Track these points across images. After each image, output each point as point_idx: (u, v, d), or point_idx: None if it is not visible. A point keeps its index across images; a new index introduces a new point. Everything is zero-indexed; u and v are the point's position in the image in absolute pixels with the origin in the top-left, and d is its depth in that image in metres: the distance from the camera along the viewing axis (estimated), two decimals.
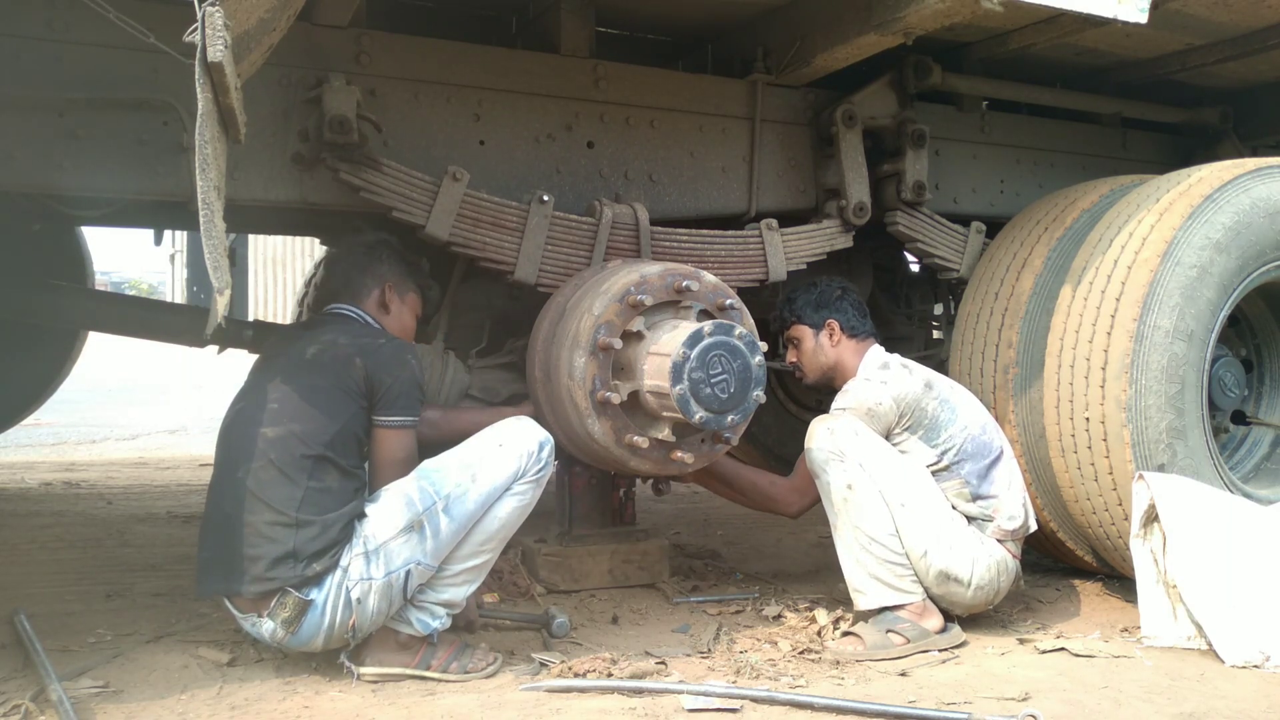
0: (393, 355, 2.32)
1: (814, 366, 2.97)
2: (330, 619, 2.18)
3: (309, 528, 2.15)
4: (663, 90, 3.16)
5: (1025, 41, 3.34)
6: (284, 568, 2.14)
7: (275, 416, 2.22)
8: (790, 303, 3.00)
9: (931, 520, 2.62)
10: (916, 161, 3.37)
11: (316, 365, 2.29)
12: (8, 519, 3.83)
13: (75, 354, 4.66)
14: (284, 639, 2.19)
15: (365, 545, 2.19)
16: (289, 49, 2.48)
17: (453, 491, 2.23)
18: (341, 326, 2.42)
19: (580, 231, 2.92)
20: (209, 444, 6.31)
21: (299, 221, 4.12)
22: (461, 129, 2.90)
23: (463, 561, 2.28)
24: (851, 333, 2.92)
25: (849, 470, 2.61)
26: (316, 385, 2.26)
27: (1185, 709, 2.18)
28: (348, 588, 2.17)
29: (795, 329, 2.98)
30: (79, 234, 4.51)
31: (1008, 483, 2.74)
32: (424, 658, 2.29)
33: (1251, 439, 3.32)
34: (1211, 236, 2.86)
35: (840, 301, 2.94)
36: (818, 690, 2.26)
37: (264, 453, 2.19)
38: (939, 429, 2.73)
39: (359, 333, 2.40)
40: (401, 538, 2.20)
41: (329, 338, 2.34)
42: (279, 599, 2.16)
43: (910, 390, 2.73)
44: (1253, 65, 3.65)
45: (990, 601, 2.71)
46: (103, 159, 2.51)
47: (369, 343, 2.33)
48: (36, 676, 2.17)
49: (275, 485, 2.17)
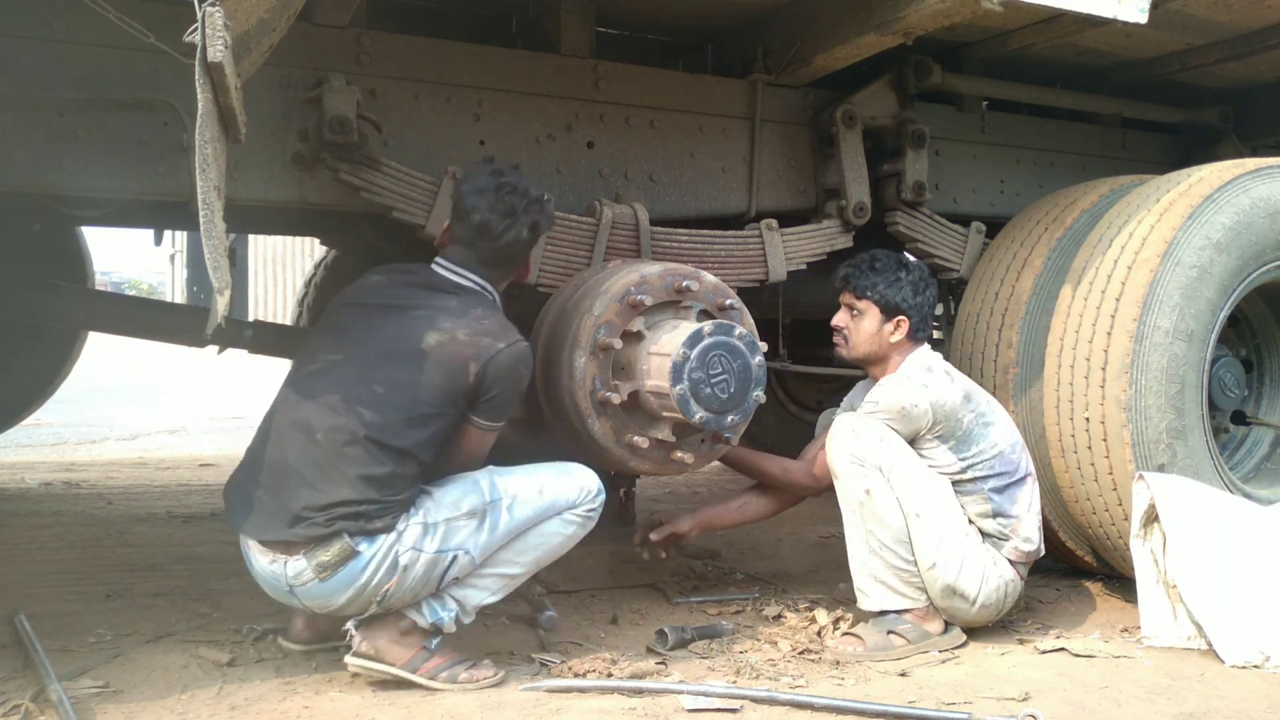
0: (509, 366, 2.25)
1: (864, 347, 2.79)
2: (369, 577, 2.13)
3: (379, 499, 2.12)
4: (663, 90, 3.16)
5: (1025, 41, 3.34)
6: (347, 520, 2.10)
7: (378, 400, 2.17)
8: (874, 274, 2.78)
9: (944, 534, 2.59)
10: (916, 161, 3.36)
11: (433, 359, 2.21)
12: (8, 519, 3.83)
13: (75, 354, 4.66)
14: (309, 583, 2.12)
15: (426, 517, 2.18)
16: (289, 49, 2.47)
17: (519, 494, 2.27)
18: (465, 308, 2.30)
19: (580, 231, 2.92)
20: (209, 444, 6.34)
21: (299, 222, 4.13)
22: (461, 129, 2.90)
23: (498, 566, 2.28)
24: (914, 335, 2.78)
25: (869, 475, 2.58)
26: (426, 382, 2.19)
27: (1185, 709, 2.18)
28: (398, 552, 2.15)
29: (864, 302, 2.77)
30: (79, 234, 4.51)
31: (1028, 505, 2.71)
32: (414, 661, 2.23)
33: (1251, 439, 3.32)
34: (1211, 237, 2.86)
35: (922, 297, 2.78)
36: (818, 690, 2.26)
37: (357, 429, 2.13)
38: (970, 443, 2.66)
39: (482, 328, 2.26)
40: (463, 520, 2.21)
41: (449, 324, 2.24)
42: (324, 540, 2.10)
43: (950, 399, 2.65)
44: (1253, 65, 3.65)
45: (992, 620, 2.69)
46: (103, 159, 2.51)
47: (488, 346, 2.23)
48: (36, 676, 2.16)
49: (360, 463, 2.13)
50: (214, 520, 3.92)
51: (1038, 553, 2.74)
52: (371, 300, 2.37)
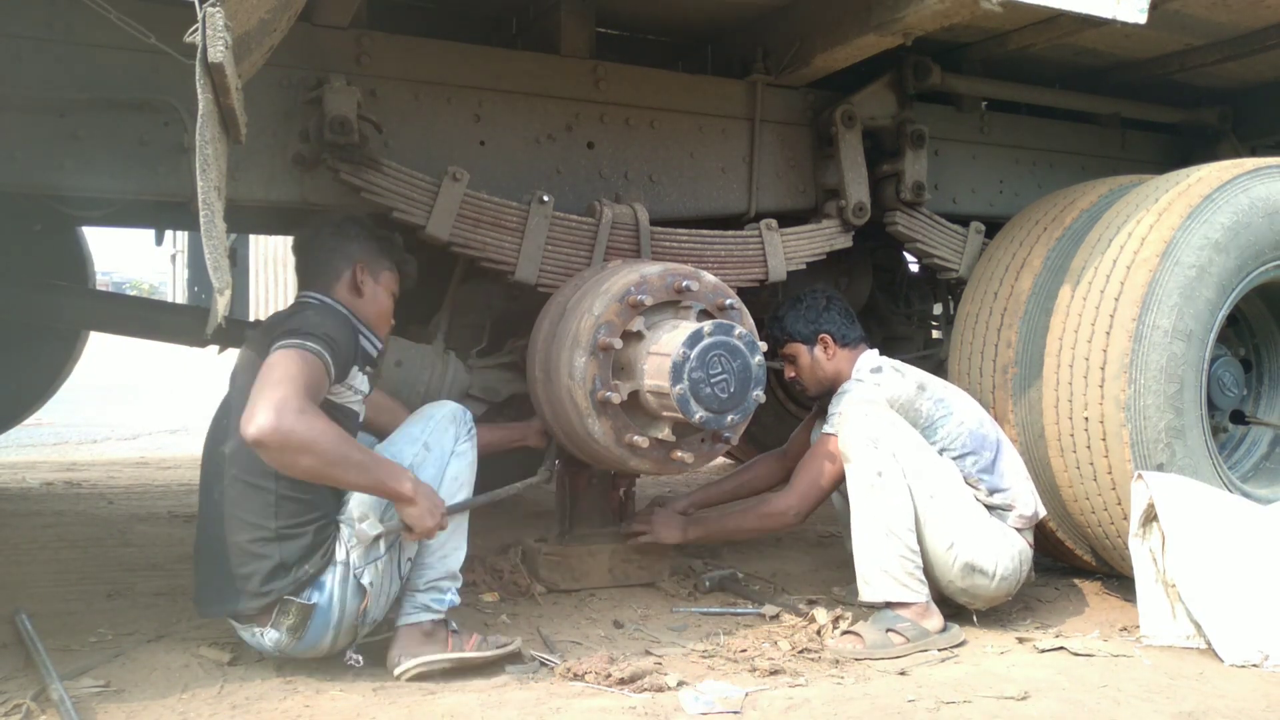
0: (300, 321, 2.16)
1: (814, 381, 2.99)
2: (339, 613, 2.18)
3: (291, 540, 2.14)
4: (663, 91, 3.17)
5: (1024, 42, 3.35)
6: (277, 580, 2.14)
7: (231, 430, 2.14)
8: (779, 321, 3.00)
9: (960, 512, 2.66)
10: (916, 162, 3.37)
11: (256, 355, 2.17)
12: (9, 518, 3.83)
13: (76, 354, 4.67)
14: (289, 645, 2.19)
15: (356, 526, 2.20)
16: (289, 50, 2.48)
17: (413, 462, 2.28)
18: (298, 314, 2.23)
19: (580, 232, 2.92)
20: None
21: (299, 222, 4.13)
22: (462, 129, 2.91)
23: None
24: (843, 342, 2.94)
25: (881, 458, 2.62)
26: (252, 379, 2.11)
27: (1184, 708, 2.18)
28: (355, 575, 2.18)
29: (790, 347, 2.99)
30: (80, 234, 4.52)
31: (1015, 472, 2.80)
32: (455, 645, 2.30)
33: (1250, 438, 3.32)
34: (1210, 236, 2.86)
35: (828, 312, 2.95)
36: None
37: (227, 470, 2.17)
38: (935, 427, 2.78)
39: (301, 319, 2.18)
40: (384, 509, 2.22)
41: (281, 328, 2.16)
42: (280, 608, 2.16)
43: (903, 392, 2.78)
44: (1252, 65, 3.66)
45: (1010, 592, 2.75)
46: (104, 159, 2.51)
47: (296, 321, 2.16)
48: (38, 676, 2.17)
49: (246, 499, 2.15)
50: None
51: (1038, 514, 2.83)
52: (240, 359, 2.37)
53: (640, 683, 2.21)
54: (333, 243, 2.41)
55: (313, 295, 2.36)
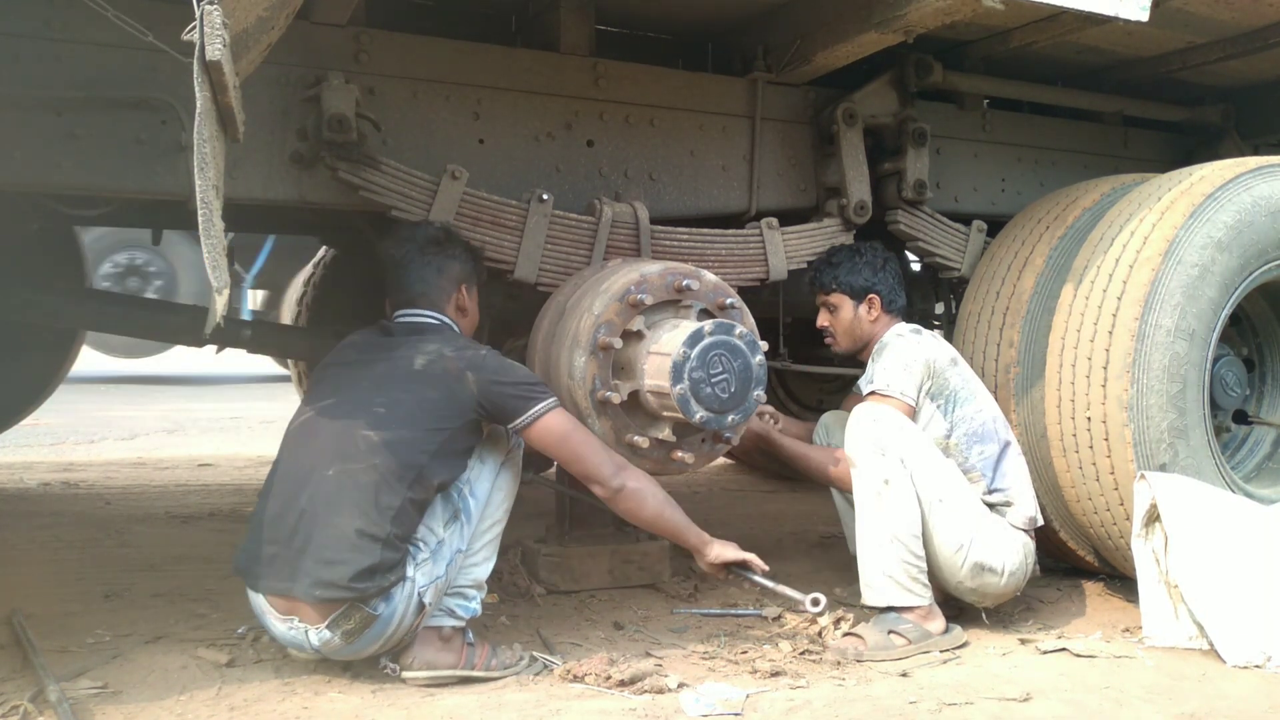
0: (497, 362, 2.31)
1: (848, 337, 2.95)
2: (396, 626, 2.16)
3: (393, 549, 2.12)
4: (663, 89, 3.15)
5: (1026, 40, 3.33)
6: (364, 581, 2.09)
7: (382, 421, 2.18)
8: (833, 268, 2.93)
9: (969, 514, 2.65)
10: (917, 160, 3.36)
11: (428, 377, 2.25)
12: (6, 519, 3.82)
13: (74, 354, 4.66)
14: (337, 648, 2.16)
15: (430, 548, 2.21)
16: (287, 47, 2.47)
17: (469, 475, 2.30)
18: (440, 336, 2.37)
19: (580, 230, 2.91)
20: (208, 444, 6.33)
21: (298, 221, 4.12)
22: (461, 127, 2.89)
23: (481, 537, 2.34)
24: (889, 307, 2.92)
25: (889, 465, 2.60)
26: (427, 397, 2.23)
27: (1187, 709, 2.17)
28: (420, 594, 2.17)
29: (835, 296, 2.93)
30: (77, 233, 4.50)
31: (1017, 475, 2.79)
32: (468, 658, 2.29)
33: (1253, 438, 3.31)
34: (1213, 235, 2.85)
35: (883, 272, 2.91)
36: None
37: (368, 455, 2.15)
38: (956, 404, 2.77)
39: (463, 345, 2.34)
40: (450, 529, 2.25)
41: (434, 348, 2.30)
42: (344, 612, 2.11)
43: (940, 356, 2.78)
44: (1254, 63, 3.64)
45: (1019, 588, 2.74)
46: (101, 158, 2.50)
47: (473, 355, 2.30)
48: (35, 677, 2.16)
49: (374, 490, 2.13)
50: (212, 520, 3.92)
51: (1037, 520, 2.81)
52: (353, 356, 2.41)
53: (640, 684, 2.21)
54: (439, 262, 2.47)
55: (431, 315, 2.44)
